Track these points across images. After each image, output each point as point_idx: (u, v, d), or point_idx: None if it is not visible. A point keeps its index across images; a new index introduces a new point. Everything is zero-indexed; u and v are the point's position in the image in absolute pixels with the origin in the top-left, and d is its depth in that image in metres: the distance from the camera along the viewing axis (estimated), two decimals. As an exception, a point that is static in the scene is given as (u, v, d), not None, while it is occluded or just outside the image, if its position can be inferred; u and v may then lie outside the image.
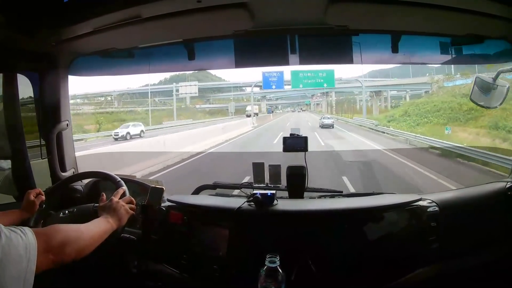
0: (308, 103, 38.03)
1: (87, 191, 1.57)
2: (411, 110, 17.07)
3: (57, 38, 1.32)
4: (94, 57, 1.55)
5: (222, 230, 1.25)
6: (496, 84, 1.36)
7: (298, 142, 1.50)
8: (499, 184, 1.36)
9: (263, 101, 35.98)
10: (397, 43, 1.37)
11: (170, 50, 1.52)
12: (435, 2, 1.10)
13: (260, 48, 1.42)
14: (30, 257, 0.67)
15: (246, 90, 38.64)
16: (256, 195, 1.27)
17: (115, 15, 1.14)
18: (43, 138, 1.56)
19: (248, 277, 1.01)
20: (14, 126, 1.45)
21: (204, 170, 6.84)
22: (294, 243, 1.19)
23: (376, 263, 1.19)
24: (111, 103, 30.59)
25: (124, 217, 1.06)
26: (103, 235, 0.93)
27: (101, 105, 28.42)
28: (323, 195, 1.49)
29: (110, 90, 30.71)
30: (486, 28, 1.27)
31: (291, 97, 38.73)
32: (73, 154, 1.70)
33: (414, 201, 1.28)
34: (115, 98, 31.94)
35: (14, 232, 0.66)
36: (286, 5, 1.21)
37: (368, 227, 1.23)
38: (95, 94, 28.57)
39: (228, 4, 1.14)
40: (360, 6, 1.17)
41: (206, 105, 37.61)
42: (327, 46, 1.40)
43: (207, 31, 1.39)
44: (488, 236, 1.27)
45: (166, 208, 1.35)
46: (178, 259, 1.29)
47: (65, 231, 0.80)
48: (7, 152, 1.48)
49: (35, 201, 1.14)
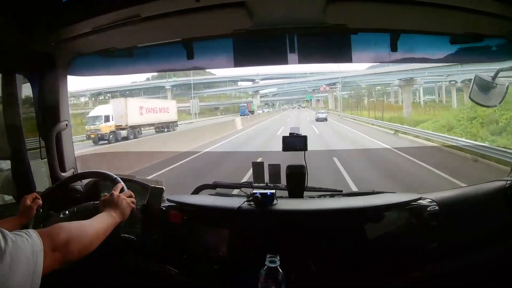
0: (310, 98, 33.49)
1: (87, 191, 1.57)
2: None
3: (56, 37, 1.32)
4: (93, 57, 1.54)
5: (222, 230, 1.25)
6: (495, 82, 1.36)
7: (297, 141, 1.49)
8: (498, 183, 1.36)
9: (256, 97, 31.54)
10: (396, 42, 1.37)
11: (169, 50, 1.51)
12: (434, 0, 1.10)
13: (259, 47, 1.42)
14: (37, 259, 0.67)
15: (240, 85, 33.92)
16: (256, 194, 1.27)
17: (114, 14, 1.14)
18: (42, 138, 1.55)
19: (248, 276, 1.01)
20: (13, 126, 1.45)
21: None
22: (294, 242, 1.19)
23: (376, 262, 1.19)
24: (86, 104, 28.73)
25: (126, 210, 1.06)
26: (107, 230, 0.93)
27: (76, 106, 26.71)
28: (322, 194, 1.49)
29: (83, 89, 29.05)
30: (485, 26, 1.26)
31: (289, 92, 34.60)
32: (73, 154, 1.69)
33: (414, 200, 1.28)
34: (89, 97, 30.27)
35: (19, 236, 0.66)
36: (285, 4, 1.21)
37: (368, 226, 1.23)
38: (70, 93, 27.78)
39: (227, 4, 1.14)
40: (359, 5, 1.17)
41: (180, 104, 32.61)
42: (326, 45, 1.40)
43: (206, 31, 1.39)
44: (488, 235, 1.27)
45: (166, 208, 1.35)
46: (178, 259, 1.29)
47: (68, 228, 0.80)
48: (6, 153, 1.47)
49: (32, 205, 1.12)
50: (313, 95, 32.73)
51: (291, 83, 31.92)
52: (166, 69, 1.75)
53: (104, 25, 1.22)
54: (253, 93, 32.09)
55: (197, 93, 34.33)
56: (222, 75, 32.84)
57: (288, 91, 34.66)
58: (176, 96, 33.43)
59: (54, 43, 1.35)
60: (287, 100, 36.61)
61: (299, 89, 33.52)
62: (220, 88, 35.01)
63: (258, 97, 31.85)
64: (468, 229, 1.27)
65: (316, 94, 31.87)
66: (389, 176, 6.02)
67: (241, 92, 35.01)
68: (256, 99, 31.27)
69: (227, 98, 35.29)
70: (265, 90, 32.74)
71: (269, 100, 36.04)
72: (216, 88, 35.03)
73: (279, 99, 36.53)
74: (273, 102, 36.84)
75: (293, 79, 31.80)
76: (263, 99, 34.88)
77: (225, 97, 35.39)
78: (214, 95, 35.94)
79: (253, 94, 32.31)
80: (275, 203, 1.29)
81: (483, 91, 1.39)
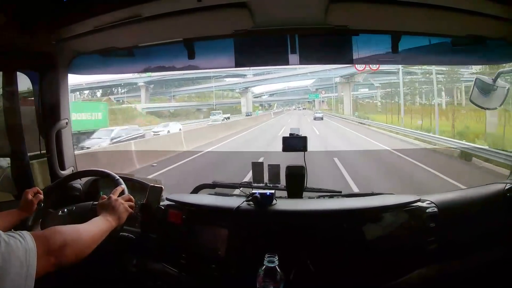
0: (316, 97, 26.20)
1: (86, 190, 1.57)
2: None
3: (57, 37, 1.32)
4: (94, 56, 1.54)
5: (221, 230, 1.25)
6: (496, 85, 1.36)
7: (297, 141, 1.50)
8: (498, 185, 1.36)
9: (245, 95, 24.39)
10: (397, 43, 1.36)
11: (170, 49, 1.51)
12: (435, 2, 1.10)
13: (260, 48, 1.42)
14: (30, 262, 0.66)
15: (227, 82, 25.96)
16: (255, 194, 1.27)
17: (115, 14, 1.14)
18: (42, 137, 1.56)
19: (247, 276, 1.01)
20: (13, 125, 1.46)
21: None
22: (293, 242, 1.19)
23: (375, 263, 1.19)
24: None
25: (123, 215, 1.06)
26: (102, 234, 0.93)
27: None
28: (322, 195, 1.49)
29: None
30: (486, 29, 1.26)
31: (287, 92, 28.79)
32: (72, 152, 1.70)
33: (413, 201, 1.28)
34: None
35: (13, 238, 0.66)
36: (287, 5, 1.21)
37: (367, 227, 1.23)
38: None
39: (229, 4, 1.14)
40: (360, 6, 1.17)
41: (155, 105, 25.13)
42: (327, 46, 1.40)
43: (207, 31, 1.39)
44: (486, 237, 1.27)
45: (165, 207, 1.35)
46: (177, 258, 1.29)
47: (64, 233, 0.79)
48: (6, 150, 1.48)
49: (33, 200, 1.13)
50: (321, 94, 26.01)
51: (291, 76, 24.98)
52: (166, 69, 1.75)
53: (105, 24, 1.22)
54: (241, 91, 24.95)
55: (176, 92, 28.84)
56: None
57: (286, 91, 29.73)
58: (153, 95, 28.10)
59: (55, 42, 1.35)
60: (286, 101, 31.22)
61: (301, 88, 28.89)
62: (199, 86, 28.58)
63: (250, 95, 24.71)
64: (467, 231, 1.27)
65: (324, 94, 25.49)
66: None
67: (224, 90, 28.15)
68: (246, 99, 24.40)
69: (205, 99, 28.94)
70: (259, 88, 26.08)
71: (265, 101, 30.00)
72: (197, 85, 29.15)
73: (277, 99, 30.83)
74: (270, 103, 30.93)
75: (294, 71, 25.72)
76: (257, 99, 29.12)
77: (206, 96, 29.16)
78: (198, 94, 29.91)
79: (242, 93, 25.15)
80: (274, 203, 1.29)
81: (484, 93, 1.40)
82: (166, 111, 26.98)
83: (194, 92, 30.46)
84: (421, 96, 19.32)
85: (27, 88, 1.55)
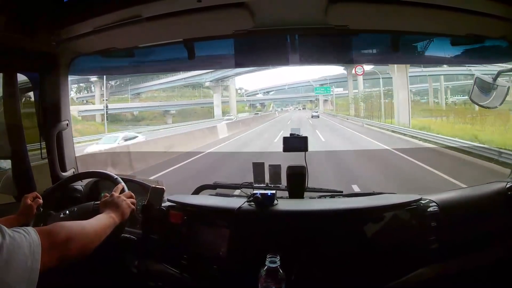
0: (327, 91, 20.42)
1: (87, 191, 1.57)
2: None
3: (57, 37, 1.32)
4: (95, 57, 1.55)
5: (222, 230, 1.25)
6: (496, 84, 1.36)
7: (298, 142, 1.50)
8: (499, 184, 1.36)
9: (217, 91, 17.14)
10: (397, 43, 1.37)
11: (170, 50, 1.51)
12: (435, 2, 1.10)
13: (260, 48, 1.42)
14: (35, 256, 0.66)
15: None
16: (256, 195, 1.27)
17: (116, 14, 1.14)
18: (43, 138, 1.55)
19: (249, 277, 1.01)
20: (14, 126, 1.45)
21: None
22: (294, 243, 1.19)
23: (376, 263, 1.19)
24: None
25: (126, 211, 1.06)
26: (106, 230, 0.93)
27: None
28: (323, 195, 1.49)
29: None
30: (486, 28, 1.26)
31: (287, 90, 23.47)
32: (73, 154, 1.70)
33: (414, 201, 1.28)
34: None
35: (17, 232, 0.66)
36: (287, 5, 1.21)
37: (368, 227, 1.23)
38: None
39: (229, 4, 1.14)
40: (360, 6, 1.17)
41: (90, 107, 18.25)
42: (328, 46, 1.40)
43: (207, 31, 1.39)
44: (488, 236, 1.27)
45: (166, 208, 1.35)
46: (178, 259, 1.29)
47: (68, 227, 0.80)
48: (7, 152, 1.47)
49: (33, 205, 1.12)
50: (332, 89, 20.35)
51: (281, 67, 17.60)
52: (167, 69, 1.76)
53: (106, 25, 1.22)
54: (212, 84, 17.43)
55: (137, 89, 23.48)
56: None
57: (284, 89, 24.19)
58: (112, 94, 23.17)
59: (56, 43, 1.35)
60: (284, 99, 25.12)
61: (302, 84, 23.37)
62: (160, 81, 22.67)
63: (233, 90, 17.38)
64: (469, 230, 1.27)
65: (338, 85, 19.62)
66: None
67: (192, 82, 21.33)
68: (219, 96, 17.29)
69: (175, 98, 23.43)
70: (253, 86, 21.11)
71: (258, 100, 23.48)
72: (157, 80, 23.42)
73: (272, 98, 24.41)
74: (264, 103, 24.83)
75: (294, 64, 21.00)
76: (249, 98, 22.98)
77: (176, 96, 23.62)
78: (164, 91, 23.98)
79: (213, 87, 17.85)
80: (276, 204, 1.29)
81: (484, 92, 1.39)
82: (126, 114, 21.81)
83: (158, 89, 24.67)
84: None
85: (27, 89, 1.55)
